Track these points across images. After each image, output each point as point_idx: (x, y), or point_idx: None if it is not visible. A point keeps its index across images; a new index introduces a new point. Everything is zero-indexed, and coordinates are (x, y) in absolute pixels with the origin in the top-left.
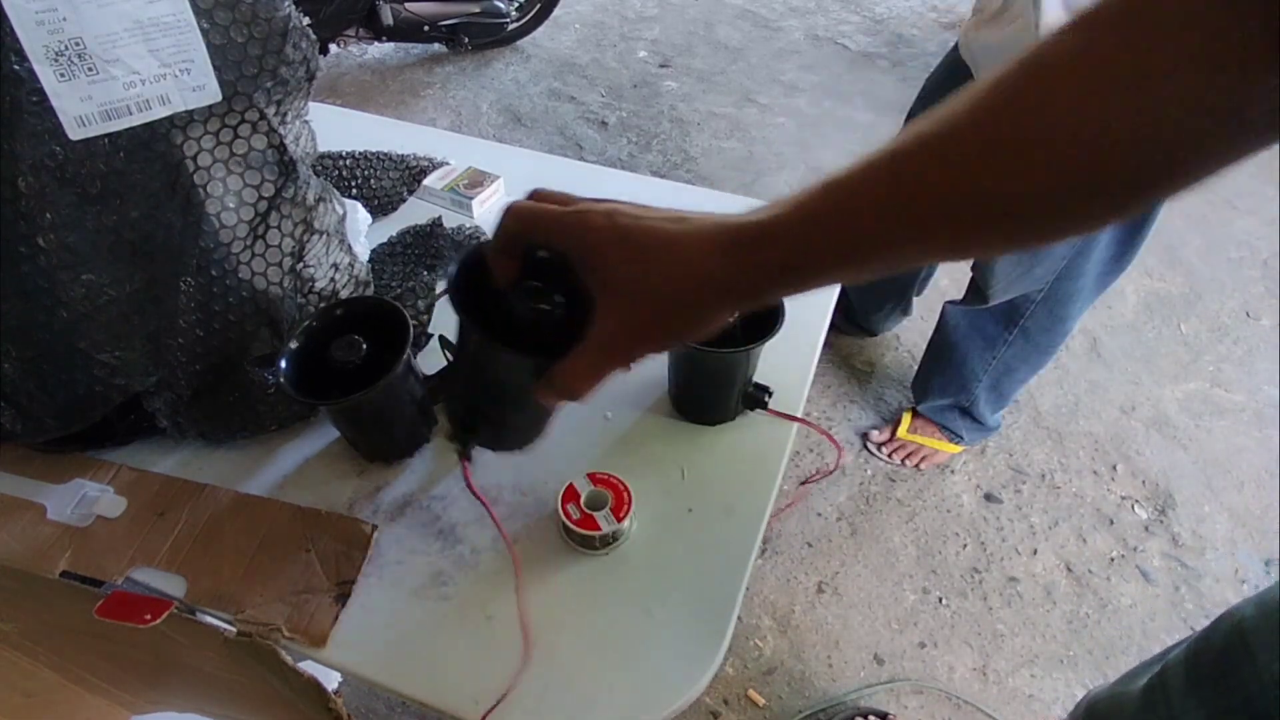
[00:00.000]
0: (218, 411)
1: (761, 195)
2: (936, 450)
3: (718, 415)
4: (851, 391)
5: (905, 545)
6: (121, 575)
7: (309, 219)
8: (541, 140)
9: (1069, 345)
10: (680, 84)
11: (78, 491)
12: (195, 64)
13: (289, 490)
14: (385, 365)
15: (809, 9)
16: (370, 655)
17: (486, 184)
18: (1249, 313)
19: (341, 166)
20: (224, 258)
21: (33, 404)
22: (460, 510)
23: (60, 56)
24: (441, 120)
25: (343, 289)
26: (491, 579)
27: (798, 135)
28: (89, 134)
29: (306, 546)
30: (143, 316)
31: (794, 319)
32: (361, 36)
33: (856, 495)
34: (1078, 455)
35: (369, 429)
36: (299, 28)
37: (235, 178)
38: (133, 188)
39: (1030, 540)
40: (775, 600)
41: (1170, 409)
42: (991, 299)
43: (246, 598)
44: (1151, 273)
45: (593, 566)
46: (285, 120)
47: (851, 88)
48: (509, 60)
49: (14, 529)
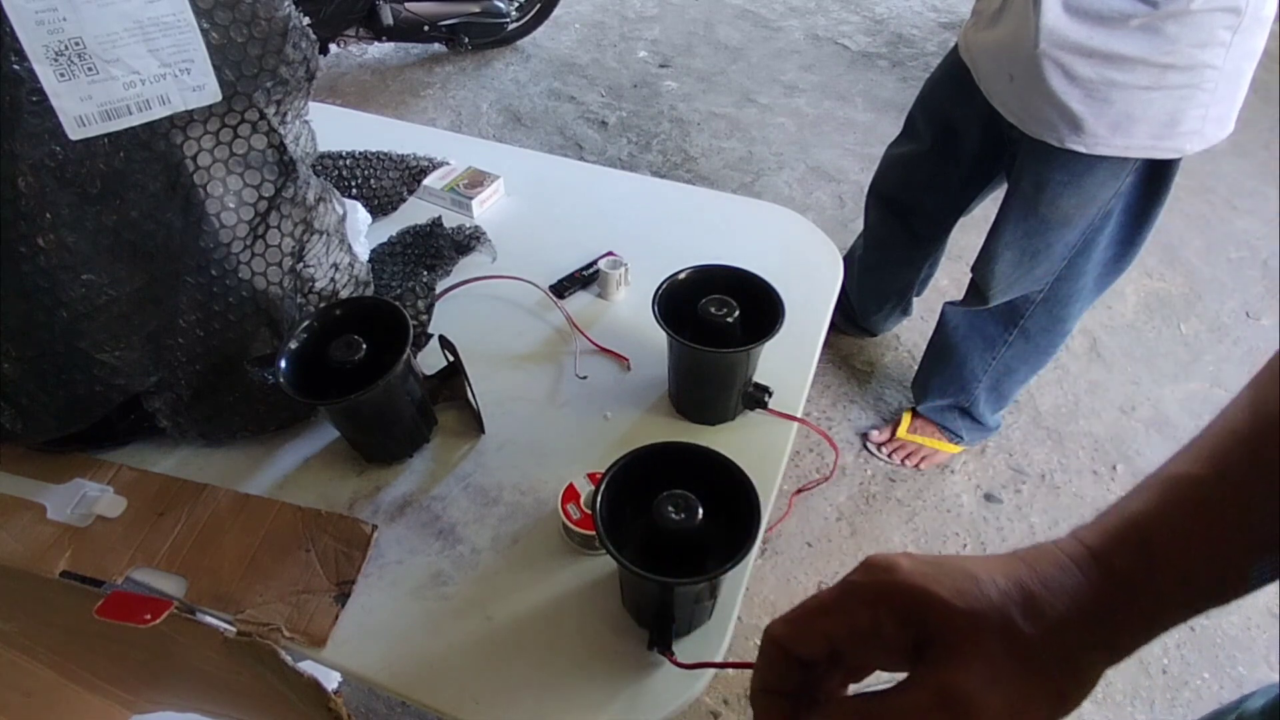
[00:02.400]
0: (218, 411)
1: (762, 195)
2: (936, 450)
3: (718, 415)
4: (851, 391)
5: (905, 545)
6: (121, 575)
7: (309, 219)
8: (541, 140)
9: (1069, 345)
10: (680, 84)
11: (78, 491)
12: (195, 64)
13: (289, 490)
14: (385, 365)
15: (809, 9)
16: (370, 655)
17: (486, 184)
18: (1249, 313)
19: (341, 166)
20: (224, 258)
21: (33, 404)
22: (460, 510)
23: (60, 56)
24: (441, 120)
25: (343, 289)
26: (491, 579)
27: (798, 135)
28: (89, 134)
29: (306, 546)
30: (143, 316)
31: (794, 319)
32: (361, 36)
33: (856, 495)
34: (1078, 455)
35: (369, 429)
36: (299, 28)
37: (235, 178)
38: (133, 188)
39: (1030, 540)
40: (775, 600)
41: (1170, 409)
42: (991, 300)
43: (246, 598)
44: (1151, 273)
45: (593, 566)
46: (285, 120)
47: (851, 88)
48: (509, 60)
49: (14, 529)
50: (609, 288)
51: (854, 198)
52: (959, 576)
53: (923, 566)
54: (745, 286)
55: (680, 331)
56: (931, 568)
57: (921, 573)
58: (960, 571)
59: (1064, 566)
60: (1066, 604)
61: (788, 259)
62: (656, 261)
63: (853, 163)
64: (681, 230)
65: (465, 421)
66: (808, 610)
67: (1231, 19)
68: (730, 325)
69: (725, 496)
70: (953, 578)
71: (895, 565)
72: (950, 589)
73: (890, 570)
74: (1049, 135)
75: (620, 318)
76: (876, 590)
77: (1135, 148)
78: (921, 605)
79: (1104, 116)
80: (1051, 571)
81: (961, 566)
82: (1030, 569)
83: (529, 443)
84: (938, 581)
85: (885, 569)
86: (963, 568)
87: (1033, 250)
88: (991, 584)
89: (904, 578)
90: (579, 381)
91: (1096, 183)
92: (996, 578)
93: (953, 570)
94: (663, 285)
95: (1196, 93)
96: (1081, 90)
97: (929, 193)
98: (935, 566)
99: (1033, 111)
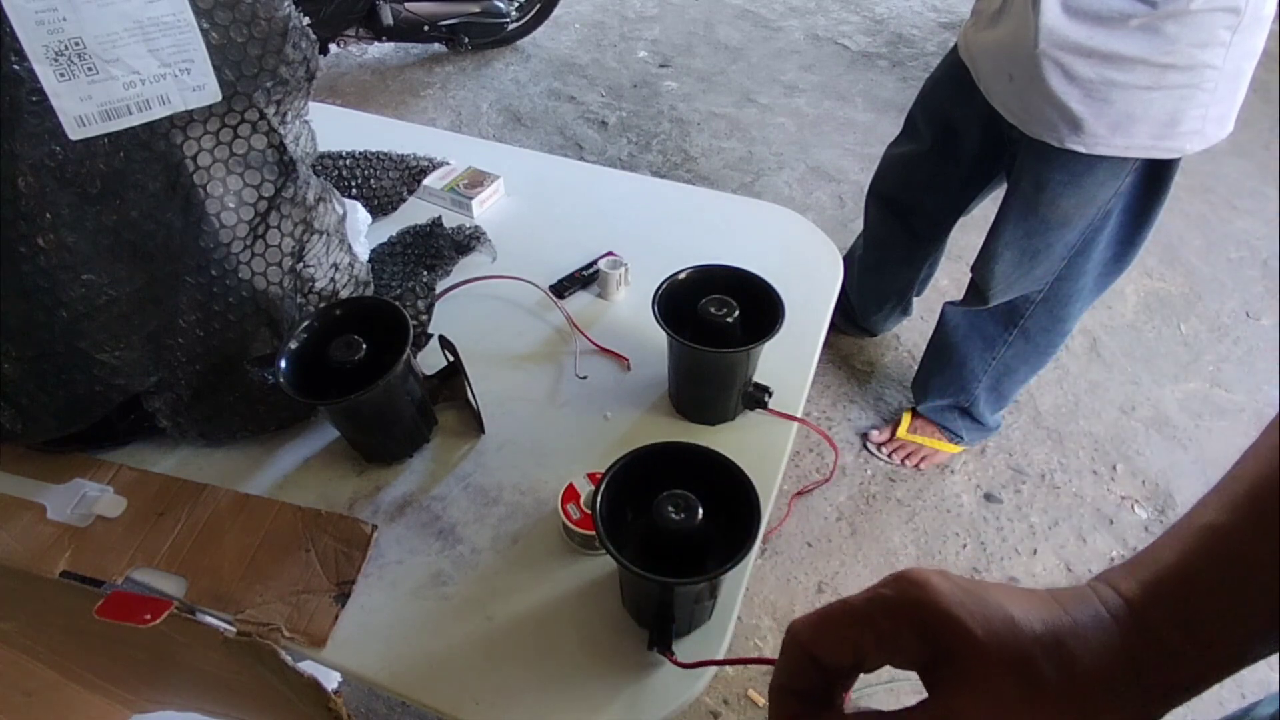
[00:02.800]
0: (218, 411)
1: (762, 195)
2: (936, 450)
3: (718, 415)
4: (851, 391)
5: (905, 545)
6: (121, 575)
7: (309, 219)
8: (541, 140)
9: (1069, 345)
10: (680, 84)
11: (78, 491)
12: (195, 64)
13: (289, 490)
14: (385, 365)
15: (809, 9)
16: (370, 655)
17: (486, 184)
18: (1249, 313)
19: (341, 166)
20: (224, 258)
21: (33, 404)
22: (460, 510)
23: (60, 56)
24: (441, 120)
25: (343, 289)
26: (491, 579)
27: (798, 135)
28: (89, 134)
29: (306, 546)
30: (143, 316)
31: (794, 319)
32: (361, 36)
33: (856, 495)
34: (1078, 455)
35: (369, 429)
36: (299, 27)
37: (235, 178)
38: (133, 188)
39: (1030, 540)
40: (775, 600)
41: (1170, 409)
42: (991, 299)
43: (246, 598)
44: (1151, 273)
45: (592, 566)
46: (285, 120)
47: (851, 88)
48: (509, 60)
49: (14, 529)
50: (609, 288)
51: (854, 198)
52: (994, 612)
53: (958, 593)
54: (745, 286)
55: (680, 331)
56: (966, 595)
57: (955, 598)
58: (997, 607)
59: (1100, 619)
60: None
61: (788, 259)
62: (656, 261)
63: (853, 163)
64: (681, 230)
65: (465, 421)
66: (834, 618)
67: (1231, 18)
68: (730, 325)
69: (725, 496)
70: (986, 611)
71: (927, 583)
72: (981, 622)
73: (922, 587)
74: (1049, 135)
75: (620, 318)
76: (904, 604)
77: (1135, 148)
78: (946, 629)
79: (1104, 116)
80: (1087, 622)
81: (999, 603)
82: (1067, 615)
83: (529, 443)
84: (969, 612)
85: (917, 585)
86: (1000, 606)
87: (1033, 250)
88: (1028, 627)
89: (934, 597)
90: (579, 381)
91: (1096, 182)
92: (1034, 622)
93: (990, 603)
94: (663, 285)
95: (1196, 92)
96: (1081, 90)
97: (929, 193)
98: (971, 595)
99: (1032, 111)
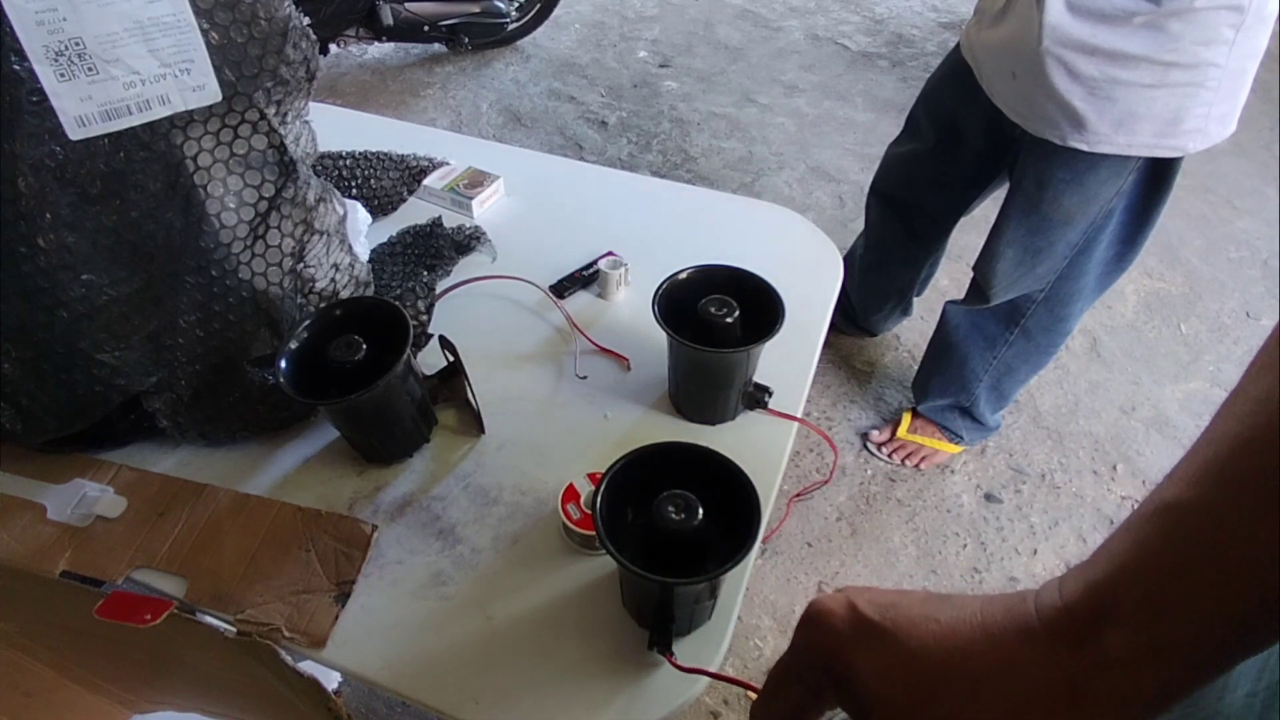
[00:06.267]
0: (218, 411)
1: (762, 195)
2: (936, 450)
3: (718, 415)
4: (851, 391)
5: (905, 545)
6: (121, 575)
7: (309, 219)
8: (541, 140)
9: (1069, 345)
10: (680, 84)
11: (78, 491)
12: (195, 64)
13: (289, 490)
14: (385, 365)
15: (809, 9)
16: (370, 655)
17: (486, 184)
18: (1249, 313)
19: (341, 166)
20: (224, 258)
21: (33, 404)
22: (460, 510)
23: (60, 56)
24: (441, 120)
25: (343, 289)
26: (491, 579)
27: (798, 135)
28: (89, 134)
29: (306, 546)
30: (143, 316)
31: (794, 319)
32: (361, 36)
33: (856, 495)
34: (1078, 455)
35: (369, 429)
36: (299, 28)
37: (235, 178)
38: (133, 188)
39: (1030, 540)
40: (775, 600)
41: (1170, 409)
42: (993, 298)
43: (246, 598)
44: (1151, 273)
45: (593, 566)
46: (285, 120)
47: (851, 88)
48: (509, 60)
49: (14, 529)
50: (609, 288)
51: (854, 198)
52: (899, 648)
53: (858, 627)
54: (745, 286)
55: (680, 331)
56: (866, 632)
57: (852, 636)
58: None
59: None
60: (1017, 685)
61: (788, 259)
62: (656, 261)
63: (853, 163)
64: (681, 230)
65: (465, 421)
66: (770, 688)
67: (1235, 17)
68: (730, 325)
69: (725, 497)
70: (889, 646)
71: (826, 623)
72: (875, 664)
73: (821, 629)
74: (1051, 133)
75: (620, 318)
76: (809, 657)
77: (1138, 146)
78: (846, 677)
79: (1107, 114)
80: (1011, 641)
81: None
82: (986, 635)
83: (529, 443)
84: (866, 652)
85: (817, 625)
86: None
87: (1035, 249)
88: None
89: (832, 643)
90: (579, 381)
91: (1099, 181)
92: (952, 668)
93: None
94: (663, 285)
95: (1200, 91)
96: (1084, 88)
97: (931, 191)
98: (873, 634)
99: (1035, 109)
